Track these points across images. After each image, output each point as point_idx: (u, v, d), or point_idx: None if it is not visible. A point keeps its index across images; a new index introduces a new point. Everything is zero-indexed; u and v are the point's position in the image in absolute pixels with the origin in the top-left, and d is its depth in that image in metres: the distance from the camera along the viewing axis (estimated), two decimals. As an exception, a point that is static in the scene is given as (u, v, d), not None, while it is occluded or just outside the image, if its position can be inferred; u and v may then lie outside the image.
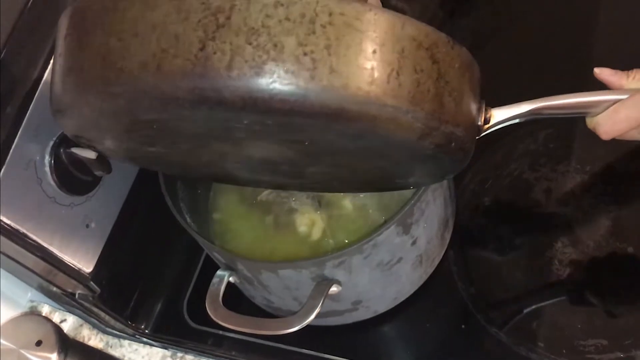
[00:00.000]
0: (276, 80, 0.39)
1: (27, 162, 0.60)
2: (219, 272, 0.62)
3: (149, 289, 0.78)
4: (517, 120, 0.53)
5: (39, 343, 0.69)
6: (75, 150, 0.62)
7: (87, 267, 0.68)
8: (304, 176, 0.57)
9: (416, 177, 0.54)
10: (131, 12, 0.40)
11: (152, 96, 0.40)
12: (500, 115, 0.52)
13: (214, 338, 0.74)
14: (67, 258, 0.66)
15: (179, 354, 0.75)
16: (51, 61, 0.60)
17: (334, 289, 0.59)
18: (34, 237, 0.62)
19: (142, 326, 0.77)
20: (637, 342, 0.63)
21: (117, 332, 0.77)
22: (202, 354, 0.74)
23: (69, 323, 0.78)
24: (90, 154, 0.63)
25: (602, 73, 0.53)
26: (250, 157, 0.51)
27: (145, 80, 0.39)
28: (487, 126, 0.51)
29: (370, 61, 0.40)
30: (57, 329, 0.73)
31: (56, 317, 0.79)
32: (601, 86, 0.55)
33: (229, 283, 0.62)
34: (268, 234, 0.68)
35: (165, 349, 0.75)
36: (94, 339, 0.77)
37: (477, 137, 0.50)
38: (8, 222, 0.59)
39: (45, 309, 0.79)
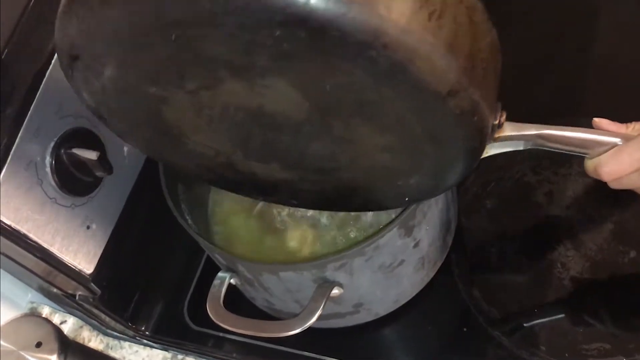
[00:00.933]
0: None
1: (28, 163, 0.60)
2: (220, 274, 0.62)
3: (150, 291, 0.78)
4: (520, 146, 0.53)
5: (38, 344, 0.69)
6: (76, 150, 0.62)
7: (87, 269, 0.68)
8: (301, 163, 0.54)
9: (420, 176, 0.52)
10: None
11: None
12: (510, 129, 0.52)
13: (215, 340, 0.74)
14: (68, 259, 0.66)
15: (180, 356, 0.74)
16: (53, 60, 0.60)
17: (335, 291, 0.59)
18: (35, 238, 0.61)
19: (143, 328, 0.77)
20: None
21: (118, 334, 0.76)
22: (202, 355, 0.74)
23: (69, 324, 0.78)
24: (92, 155, 0.63)
25: (601, 123, 0.53)
26: (258, 110, 0.48)
27: None
28: (498, 134, 0.51)
29: None
30: (57, 331, 0.72)
31: (56, 319, 0.78)
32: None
33: (230, 285, 0.62)
34: (263, 241, 0.68)
35: (166, 350, 0.75)
36: (94, 341, 0.77)
37: (488, 142, 0.49)
38: (8, 222, 0.59)
39: (45, 310, 0.79)
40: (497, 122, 0.49)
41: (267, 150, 0.53)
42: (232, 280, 0.62)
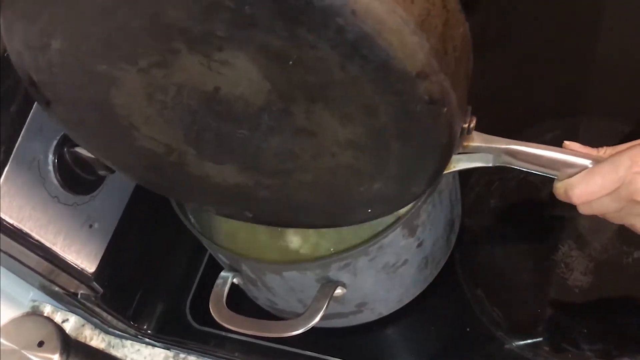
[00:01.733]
0: None
1: (31, 161, 0.59)
2: (222, 273, 0.62)
3: (152, 290, 0.78)
4: (490, 162, 0.52)
5: (40, 343, 0.69)
6: (79, 149, 0.62)
7: (89, 267, 0.68)
8: (258, 162, 0.51)
9: (385, 179, 0.49)
10: None
11: None
12: (479, 139, 0.50)
13: (217, 339, 0.74)
14: (70, 258, 0.65)
15: (181, 355, 0.74)
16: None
17: (338, 291, 0.59)
18: (37, 237, 0.61)
19: (145, 327, 0.76)
20: (644, 347, 0.62)
21: (120, 333, 0.76)
22: (204, 355, 0.73)
23: (71, 323, 0.78)
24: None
25: (572, 145, 0.52)
26: (214, 94, 0.45)
27: None
28: (467, 142, 0.49)
29: None
30: (59, 329, 0.72)
31: (58, 317, 0.78)
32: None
33: (232, 284, 0.62)
34: (264, 239, 0.67)
35: (168, 349, 0.75)
36: (96, 339, 0.77)
37: (455, 152, 0.48)
38: (11, 221, 0.59)
39: (47, 309, 0.79)
40: (466, 125, 0.47)
41: (222, 146, 0.50)
42: (235, 280, 0.62)
